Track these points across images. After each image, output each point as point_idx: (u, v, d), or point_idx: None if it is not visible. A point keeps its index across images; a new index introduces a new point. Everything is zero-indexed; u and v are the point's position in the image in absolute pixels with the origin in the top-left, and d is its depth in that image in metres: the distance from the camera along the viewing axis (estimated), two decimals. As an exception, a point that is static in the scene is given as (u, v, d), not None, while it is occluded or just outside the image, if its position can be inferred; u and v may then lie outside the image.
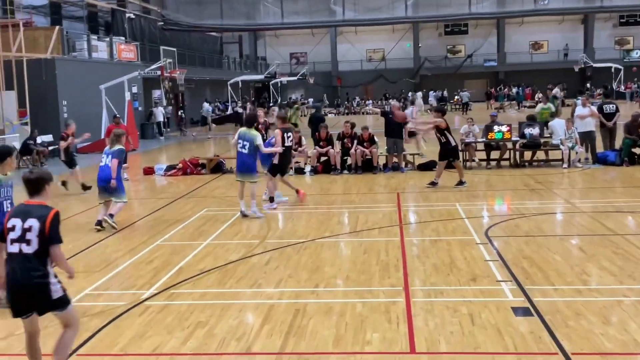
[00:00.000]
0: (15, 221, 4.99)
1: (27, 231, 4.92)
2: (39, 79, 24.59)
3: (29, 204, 5.08)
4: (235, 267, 8.81)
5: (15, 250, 4.96)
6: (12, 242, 4.96)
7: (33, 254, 4.93)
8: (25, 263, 4.93)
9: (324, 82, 63.47)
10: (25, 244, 4.92)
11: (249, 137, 12.03)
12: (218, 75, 47.77)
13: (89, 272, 8.71)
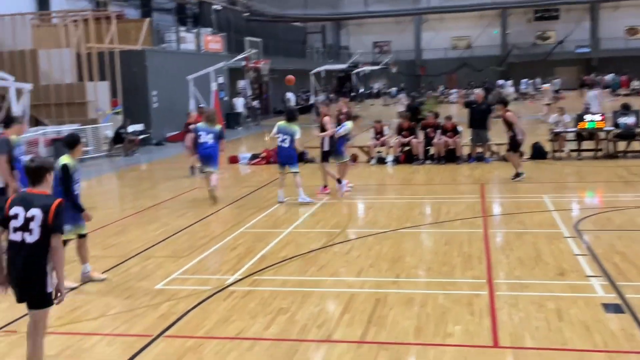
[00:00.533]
0: (18, 210, 4.92)
1: (30, 220, 4.87)
2: (130, 69, 25.49)
3: (31, 193, 5.03)
4: (317, 255, 8.89)
5: (17, 239, 4.91)
6: (15, 231, 4.91)
7: (34, 244, 4.88)
8: (26, 252, 4.88)
9: (407, 71, 62.82)
10: (28, 233, 4.87)
11: (289, 131, 12.39)
12: (301, 65, 48.11)
13: (176, 257, 9.00)
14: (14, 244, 4.92)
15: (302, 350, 5.74)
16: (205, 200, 13.20)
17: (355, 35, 66.57)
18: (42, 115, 22.88)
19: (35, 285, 4.90)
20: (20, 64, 22.98)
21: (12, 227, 4.91)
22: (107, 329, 6.39)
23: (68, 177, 7.55)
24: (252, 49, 31.15)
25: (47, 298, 4.97)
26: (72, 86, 23.49)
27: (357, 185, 15.18)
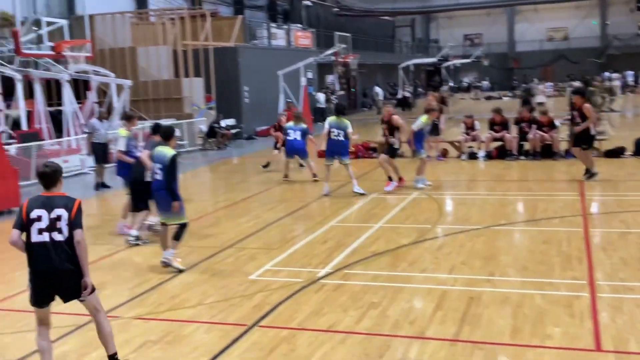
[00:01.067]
0: (40, 212, 5.07)
1: (56, 220, 5.06)
2: (223, 66, 26.14)
3: (50, 195, 5.18)
4: (407, 251, 8.81)
5: (44, 239, 5.05)
6: (40, 232, 5.05)
7: (65, 241, 5.07)
8: (59, 249, 5.06)
9: (499, 64, 61.19)
10: (57, 232, 5.06)
11: (342, 126, 12.84)
12: (390, 60, 47.83)
13: (268, 249, 9.15)
14: (40, 245, 5.06)
15: (395, 345, 5.70)
16: (295, 194, 13.38)
17: (445, 28, 65.45)
18: (141, 110, 23.81)
19: (73, 279, 5.11)
20: (120, 61, 24.02)
21: (37, 229, 5.06)
22: (205, 316, 6.58)
23: (175, 167, 8.05)
24: (341, 44, 31.19)
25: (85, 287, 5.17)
26: (168, 82, 24.33)
27: (447, 180, 14.97)
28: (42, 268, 5.07)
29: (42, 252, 5.05)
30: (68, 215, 5.08)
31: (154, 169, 8.31)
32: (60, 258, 5.05)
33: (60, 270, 5.07)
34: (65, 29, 13.76)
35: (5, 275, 8.52)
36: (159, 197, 8.28)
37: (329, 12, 42.18)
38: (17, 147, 16.23)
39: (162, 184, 8.14)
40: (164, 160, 8.07)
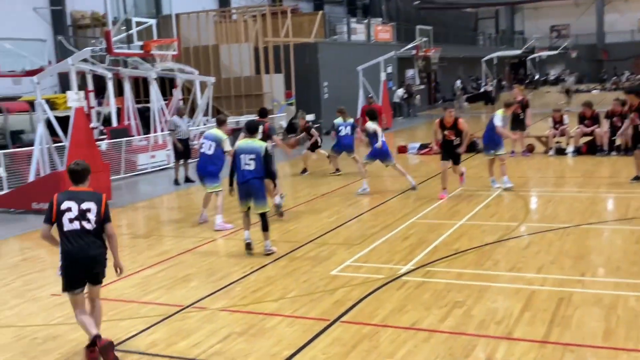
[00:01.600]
0: (69, 204, 5.57)
1: (86, 212, 5.56)
2: (303, 62, 26.30)
3: (78, 190, 5.70)
4: (492, 249, 8.59)
5: (76, 227, 5.54)
6: (71, 221, 5.54)
7: (94, 230, 5.57)
8: (89, 237, 5.56)
9: (588, 56, 58.83)
10: (87, 222, 5.55)
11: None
12: (472, 53, 46.84)
13: (349, 245, 9.14)
14: (72, 233, 5.55)
15: (481, 346, 5.56)
16: (376, 189, 13.29)
17: (530, 20, 63.46)
18: (223, 107, 24.32)
19: (102, 264, 5.68)
20: (204, 59, 24.60)
21: (67, 219, 5.55)
22: (287, 310, 6.63)
23: (270, 157, 8.87)
24: (422, 38, 30.77)
25: (104, 275, 5.77)
26: (249, 79, 24.71)
27: (533, 177, 14.53)
28: (75, 253, 5.54)
29: (74, 239, 5.55)
30: (98, 209, 5.59)
31: (245, 160, 8.73)
32: (90, 245, 5.57)
33: (91, 256, 5.58)
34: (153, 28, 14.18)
35: (97, 266, 8.86)
36: (252, 186, 8.73)
37: (409, 5, 41.71)
38: (107, 143, 16.91)
39: (256, 173, 8.67)
40: (258, 151, 8.69)
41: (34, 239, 10.79)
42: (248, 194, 8.78)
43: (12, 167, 14.90)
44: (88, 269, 5.63)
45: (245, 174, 8.71)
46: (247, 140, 8.91)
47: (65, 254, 5.58)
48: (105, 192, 13.05)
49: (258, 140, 8.93)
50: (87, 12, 26.33)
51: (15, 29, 21.86)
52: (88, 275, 5.66)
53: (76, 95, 12.71)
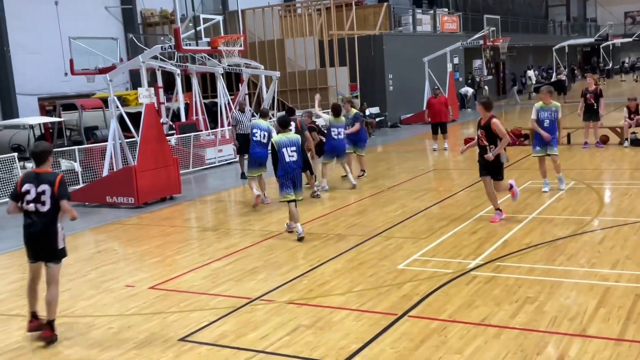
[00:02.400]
0: (29, 186, 6.04)
1: (41, 194, 5.99)
2: (367, 54, 26.19)
3: (38, 172, 6.12)
4: (565, 243, 8.34)
5: (32, 209, 6.03)
6: (28, 203, 6.03)
7: (48, 211, 6.01)
8: (42, 218, 6.01)
9: (665, 43, 56.23)
10: (41, 205, 6.01)
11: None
12: (542, 41, 45.55)
13: (416, 239, 9.05)
14: (29, 213, 6.07)
15: (554, 343, 5.41)
16: (442, 182, 13.11)
17: (603, 6, 61.13)
18: (288, 100, 24.50)
19: (51, 243, 6.06)
20: (269, 53, 24.83)
21: (26, 200, 6.05)
22: (354, 304, 6.62)
23: (275, 152, 9.37)
24: (489, 27, 30.10)
25: (62, 252, 6.19)
26: (314, 72, 24.79)
27: (608, 169, 14.03)
28: (28, 230, 6.10)
29: (30, 218, 6.09)
30: (51, 190, 6.01)
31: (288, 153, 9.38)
32: (40, 226, 6.03)
33: (40, 236, 6.07)
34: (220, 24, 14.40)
35: (168, 258, 9.10)
36: (297, 176, 9.51)
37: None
38: (176, 138, 17.30)
39: (299, 164, 9.49)
40: (297, 143, 9.47)
41: (107, 232, 11.17)
42: (294, 184, 9.46)
43: (86, 162, 15.47)
44: (39, 247, 6.13)
45: (291, 165, 9.40)
46: (285, 134, 9.53)
47: (23, 229, 6.15)
48: (175, 185, 13.48)
49: (293, 134, 9.76)
50: (156, 10, 27.03)
51: (88, 28, 22.65)
52: (40, 253, 6.17)
53: (147, 91, 13.04)
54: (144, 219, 11.95)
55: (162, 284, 7.75)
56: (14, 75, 21.72)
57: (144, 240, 10.28)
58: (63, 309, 7.06)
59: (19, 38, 21.81)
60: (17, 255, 9.84)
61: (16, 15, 21.77)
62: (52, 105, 19.53)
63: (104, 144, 14.58)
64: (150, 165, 12.92)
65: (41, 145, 6.32)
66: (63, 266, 8.80)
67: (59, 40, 22.09)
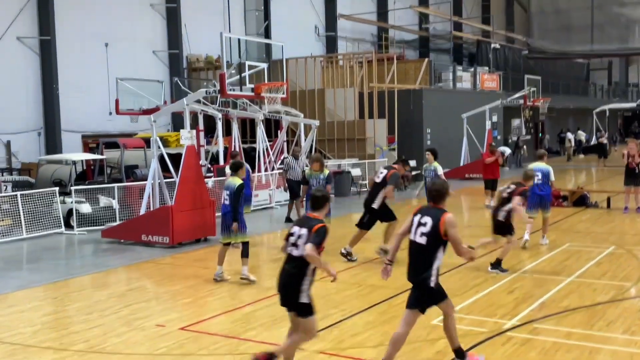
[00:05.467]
0: (295, 229, 5.88)
1: (298, 238, 5.75)
2: (407, 108, 26.33)
3: (309, 216, 6.00)
4: (604, 309, 8.11)
5: (289, 251, 5.83)
6: (291, 246, 5.82)
7: (299, 257, 5.70)
8: (290, 263, 5.78)
9: None
10: (295, 248, 5.76)
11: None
12: (582, 104, 45.31)
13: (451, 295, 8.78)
14: (287, 257, 5.88)
15: (593, 412, 5.20)
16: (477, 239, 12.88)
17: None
18: (325, 149, 24.66)
19: (292, 293, 5.75)
20: (309, 102, 25.16)
21: (290, 242, 5.83)
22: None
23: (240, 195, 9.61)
24: (530, 87, 30.12)
25: (307, 308, 5.84)
26: (353, 123, 24.98)
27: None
28: (279, 278, 5.92)
29: (284, 263, 5.91)
30: (308, 234, 5.71)
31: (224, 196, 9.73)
32: (289, 272, 5.80)
33: (285, 284, 5.82)
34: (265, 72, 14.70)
35: (200, 299, 9.10)
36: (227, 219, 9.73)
37: (517, 54, 41.08)
38: (214, 180, 17.48)
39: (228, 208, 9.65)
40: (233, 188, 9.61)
41: (141, 270, 11.24)
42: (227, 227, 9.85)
43: (124, 200, 15.70)
44: (284, 294, 5.92)
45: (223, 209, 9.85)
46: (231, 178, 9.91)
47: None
48: (210, 227, 13.55)
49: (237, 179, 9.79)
50: (202, 55, 27.72)
51: (135, 70, 23.30)
52: (286, 300, 5.93)
53: (189, 133, 13.28)
54: (178, 259, 12.01)
55: (192, 325, 7.73)
56: (61, 112, 22.37)
57: (176, 280, 10.31)
58: (95, 344, 7.08)
59: (68, 76, 22.54)
60: (51, 288, 9.97)
61: (67, 54, 22.55)
62: (95, 142, 19.99)
63: (142, 183, 14.81)
64: (187, 206, 13.05)
65: (323, 191, 6.19)
66: (95, 302, 8.92)
67: (106, 80, 22.78)
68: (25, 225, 14.25)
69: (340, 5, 34.74)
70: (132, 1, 25.14)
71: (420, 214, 6.03)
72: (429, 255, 5.91)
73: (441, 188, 6.12)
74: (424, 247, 5.91)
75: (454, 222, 5.88)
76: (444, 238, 5.82)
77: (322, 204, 5.99)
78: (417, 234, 5.96)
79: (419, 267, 5.93)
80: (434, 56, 39.82)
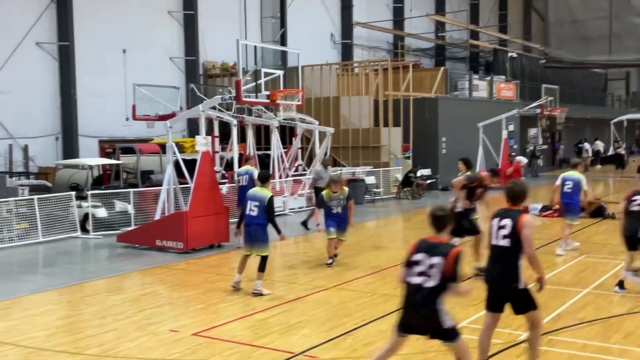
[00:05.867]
0: (420, 256, 5.31)
1: (431, 267, 5.23)
2: (422, 116, 26.27)
3: (435, 241, 5.38)
4: (621, 321, 8.01)
5: (418, 282, 5.29)
6: (418, 275, 5.29)
7: (433, 288, 5.23)
8: (425, 294, 5.25)
9: None
10: (428, 279, 5.24)
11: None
12: (600, 114, 45.00)
13: (465, 305, 8.80)
14: (411, 286, 5.36)
15: None
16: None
17: (664, 82, 60.28)
18: (340, 157, 24.65)
19: (433, 322, 5.34)
20: (324, 109, 25.18)
21: (415, 272, 5.32)
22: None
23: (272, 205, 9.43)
24: (547, 97, 29.96)
25: (452, 332, 5.46)
26: (368, 131, 24.96)
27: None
28: (407, 305, 5.50)
29: (410, 291, 5.41)
30: (443, 263, 5.25)
31: (250, 206, 9.40)
32: (425, 302, 5.30)
33: (423, 314, 5.38)
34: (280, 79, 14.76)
35: (213, 305, 9.10)
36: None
37: (535, 63, 40.89)
38: (228, 187, 17.52)
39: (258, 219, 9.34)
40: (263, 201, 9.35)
41: (155, 275, 11.27)
42: None
43: (139, 205, 15.77)
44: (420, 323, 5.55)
45: (250, 219, 9.48)
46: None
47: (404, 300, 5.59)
48: (224, 233, 13.57)
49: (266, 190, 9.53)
50: (217, 62, 27.87)
51: (152, 76, 23.48)
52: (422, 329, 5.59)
53: (204, 140, 13.33)
54: (191, 264, 12.03)
55: (205, 331, 7.73)
56: (78, 117, 22.56)
57: (190, 285, 10.32)
58: (109, 348, 7.10)
59: (86, 82, 22.75)
60: (66, 292, 10.02)
61: (85, 60, 22.76)
62: (112, 147, 20.12)
63: (158, 188, 14.87)
64: (201, 212, 13.09)
65: (443, 210, 5.57)
66: (109, 306, 8.95)
67: (124, 86, 22.98)
68: (42, 229, 14.36)
69: (356, 13, 34.81)
70: (149, 8, 25.35)
71: (498, 217, 6.02)
72: (513, 258, 5.90)
73: (521, 190, 6.17)
74: (507, 249, 5.89)
75: (531, 223, 5.90)
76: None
77: (445, 224, 5.47)
78: (498, 238, 5.94)
79: (503, 271, 5.90)
80: (450, 65, 39.73)
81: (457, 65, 40.95)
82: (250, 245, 9.41)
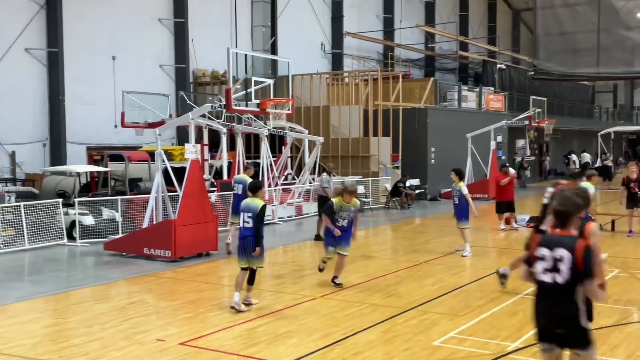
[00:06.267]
0: (544, 251, 4.90)
1: (558, 261, 4.82)
2: (411, 126, 26.37)
3: (559, 234, 4.95)
4: (608, 333, 8.02)
5: (548, 279, 4.86)
6: (545, 272, 4.86)
7: (564, 284, 4.80)
8: (557, 292, 4.82)
9: None
10: (557, 274, 4.81)
11: None
12: (587, 126, 45.35)
13: (453, 315, 8.83)
14: (543, 285, 4.90)
15: None
16: (481, 260, 12.87)
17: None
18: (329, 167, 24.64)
19: (571, 325, 4.84)
20: (314, 119, 25.21)
21: (542, 269, 4.89)
22: None
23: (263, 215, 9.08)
24: (535, 108, 30.17)
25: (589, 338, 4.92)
26: (357, 140, 25.00)
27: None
28: (542, 309, 4.96)
29: (541, 293, 4.94)
30: (572, 258, 4.78)
31: (244, 218, 9.08)
32: (559, 302, 4.83)
33: (558, 316, 4.87)
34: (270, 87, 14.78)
35: (200, 314, 9.04)
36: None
37: (523, 75, 41.17)
38: (217, 195, 17.47)
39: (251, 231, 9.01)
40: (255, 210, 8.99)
41: (142, 283, 11.19)
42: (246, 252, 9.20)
43: (127, 213, 15.68)
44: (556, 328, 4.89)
45: (245, 231, 9.14)
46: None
47: (537, 305, 5.03)
48: (212, 241, 13.51)
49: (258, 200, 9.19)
50: (207, 70, 27.86)
51: (141, 83, 23.43)
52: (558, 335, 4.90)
53: (193, 147, 13.29)
54: (179, 273, 11.96)
55: (193, 341, 7.67)
56: (66, 124, 22.44)
57: (177, 294, 10.26)
58: (95, 357, 7.03)
59: (75, 89, 22.64)
60: (52, 300, 9.93)
61: (74, 66, 22.66)
62: (100, 154, 20.04)
63: (146, 196, 14.80)
64: (189, 220, 13.03)
65: (568, 204, 4.97)
66: (96, 314, 8.87)
67: (113, 93, 22.90)
68: (28, 236, 14.24)
69: (347, 23, 34.96)
70: (140, 15, 25.32)
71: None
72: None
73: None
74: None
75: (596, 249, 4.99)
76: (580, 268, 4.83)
77: (571, 218, 4.94)
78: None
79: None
80: (440, 75, 39.93)
81: (447, 76, 41.18)
82: (246, 257, 9.10)
